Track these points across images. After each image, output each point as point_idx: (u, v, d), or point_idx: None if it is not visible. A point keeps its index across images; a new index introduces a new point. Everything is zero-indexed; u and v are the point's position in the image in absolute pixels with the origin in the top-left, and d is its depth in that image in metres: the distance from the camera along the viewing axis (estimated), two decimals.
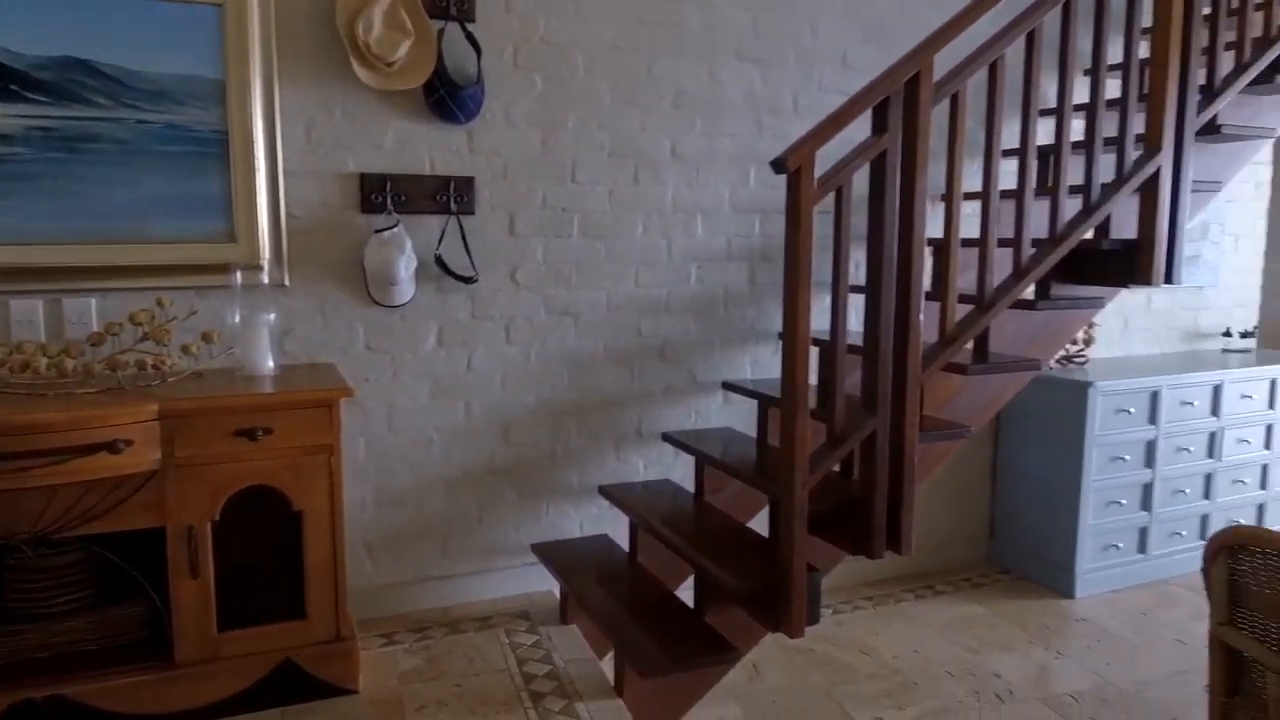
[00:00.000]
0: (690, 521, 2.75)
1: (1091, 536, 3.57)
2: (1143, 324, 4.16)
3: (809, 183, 2.13)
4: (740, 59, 3.15)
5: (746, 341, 3.29)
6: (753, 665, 2.99)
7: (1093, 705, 2.76)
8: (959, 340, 2.44)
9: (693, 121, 3.11)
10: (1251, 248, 4.42)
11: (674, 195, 3.12)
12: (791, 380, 2.17)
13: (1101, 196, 2.57)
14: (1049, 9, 2.41)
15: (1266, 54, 2.81)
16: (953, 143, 2.35)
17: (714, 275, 3.20)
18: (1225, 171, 3.01)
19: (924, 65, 2.23)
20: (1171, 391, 3.63)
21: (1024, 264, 2.51)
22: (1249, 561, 1.39)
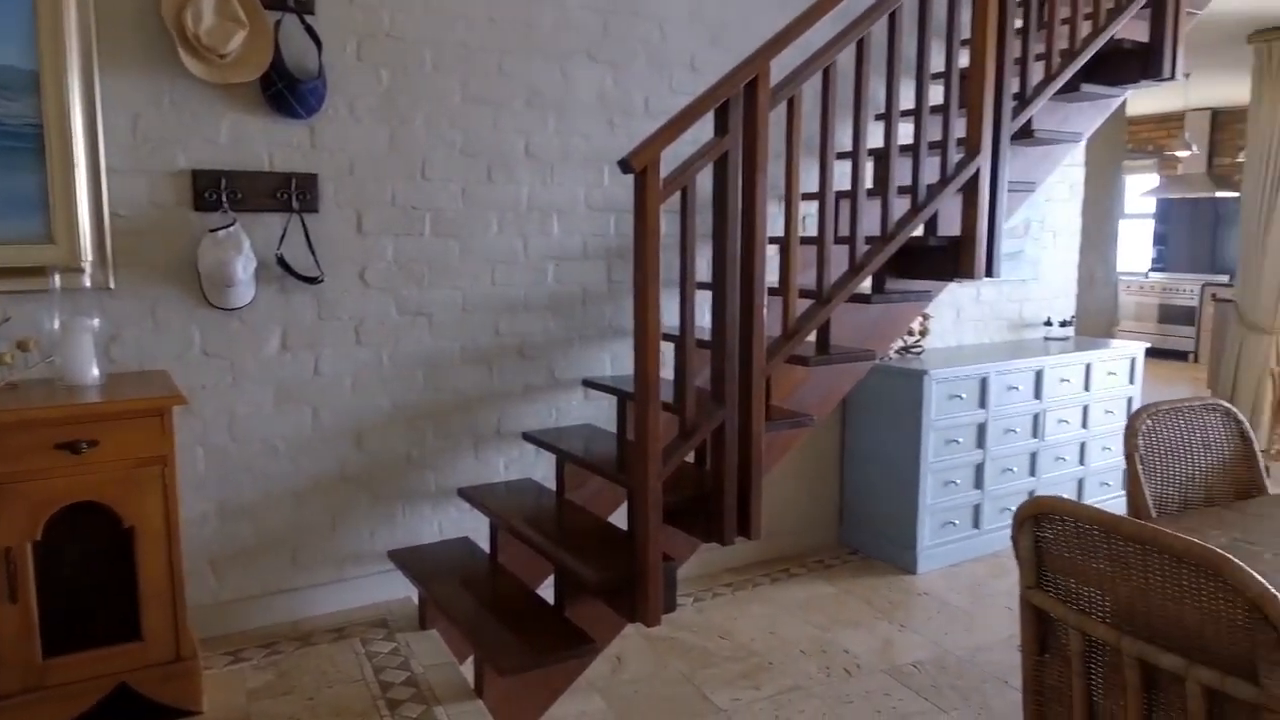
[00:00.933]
0: (551, 519, 2.76)
1: (930, 515, 3.80)
2: (973, 315, 4.46)
3: (655, 182, 2.17)
4: (592, 59, 3.18)
5: (606, 338, 3.33)
6: (616, 657, 3.03)
7: (933, 672, 2.95)
8: (800, 333, 2.55)
9: (545, 120, 3.12)
10: (1068, 243, 4.81)
11: (529, 194, 3.12)
12: (643, 375, 2.21)
13: (927, 197, 2.74)
14: (877, 18, 2.54)
15: (1072, 65, 3.05)
16: (790, 144, 2.45)
17: (572, 274, 3.22)
18: (1039, 172, 3.26)
19: (761, 70, 2.31)
20: (999, 378, 3.90)
21: (858, 260, 2.65)
22: (1050, 529, 1.53)
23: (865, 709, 2.73)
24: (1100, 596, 1.47)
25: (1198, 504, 2.28)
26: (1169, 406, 2.29)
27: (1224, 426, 2.35)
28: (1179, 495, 2.26)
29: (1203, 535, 2.00)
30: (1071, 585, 1.52)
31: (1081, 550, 1.47)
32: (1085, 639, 1.51)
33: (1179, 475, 2.26)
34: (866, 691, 2.83)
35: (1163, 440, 2.25)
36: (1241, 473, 2.35)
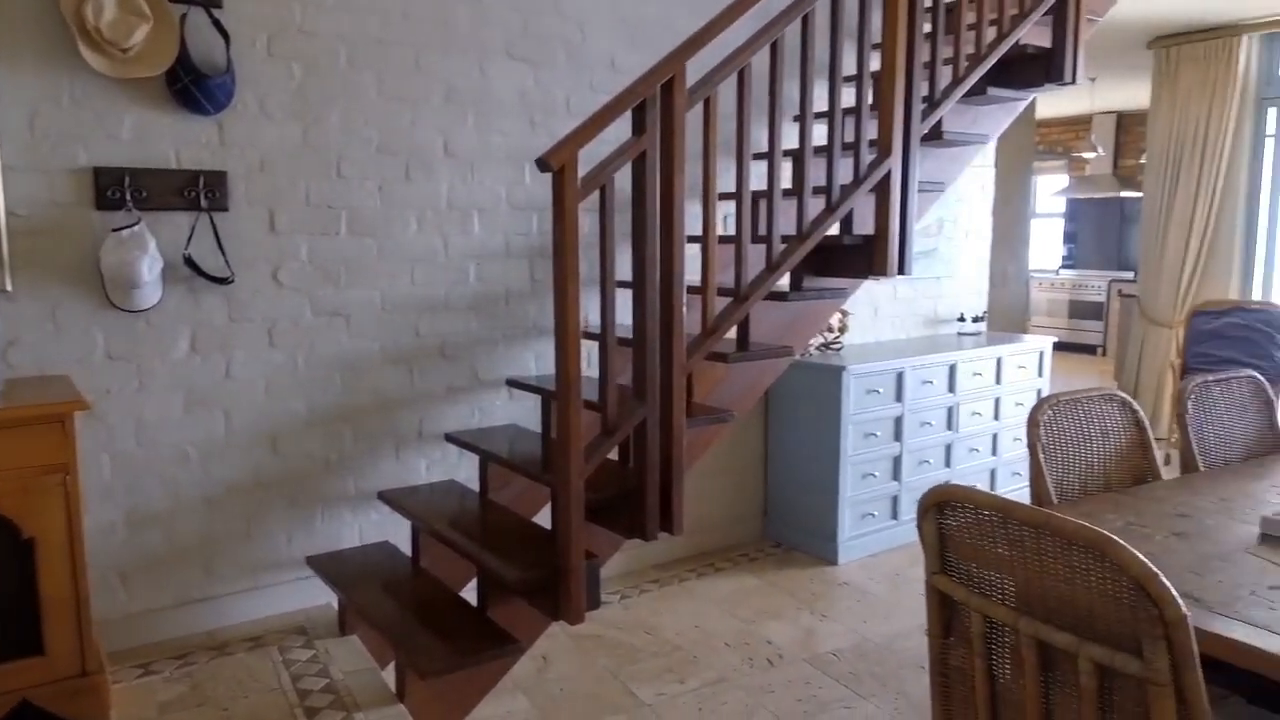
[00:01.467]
0: (474, 520, 2.74)
1: (851, 506, 3.89)
2: (890, 312, 4.58)
3: (573, 181, 2.18)
4: (511, 58, 3.17)
5: (530, 337, 3.32)
6: (542, 657, 3.03)
7: (852, 660, 3.02)
8: (719, 331, 2.59)
9: (465, 118, 3.09)
10: (980, 242, 4.97)
11: (449, 192, 3.09)
12: (564, 374, 2.22)
13: (841, 196, 2.80)
14: (790, 21, 2.59)
15: (978, 69, 3.16)
16: (707, 144, 2.48)
17: (494, 272, 3.20)
18: (949, 173, 3.36)
19: (677, 71, 2.34)
20: (914, 372, 4.02)
21: (775, 259, 2.69)
22: (952, 516, 1.58)
23: (786, 698, 2.78)
24: (1000, 579, 1.53)
25: (1097, 490, 2.39)
26: (1068, 398, 2.39)
27: (1120, 416, 2.46)
28: (1079, 482, 2.36)
29: (1099, 519, 2.10)
30: (973, 569, 1.58)
31: (981, 536, 1.53)
32: (986, 621, 1.57)
33: (1079, 463, 2.37)
34: (788, 681, 2.89)
35: (1063, 430, 2.35)
36: (1137, 459, 2.47)
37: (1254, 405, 2.76)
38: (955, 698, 1.70)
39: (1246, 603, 1.65)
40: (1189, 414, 2.59)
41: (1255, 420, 2.75)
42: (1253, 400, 2.75)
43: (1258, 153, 5.74)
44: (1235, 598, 1.67)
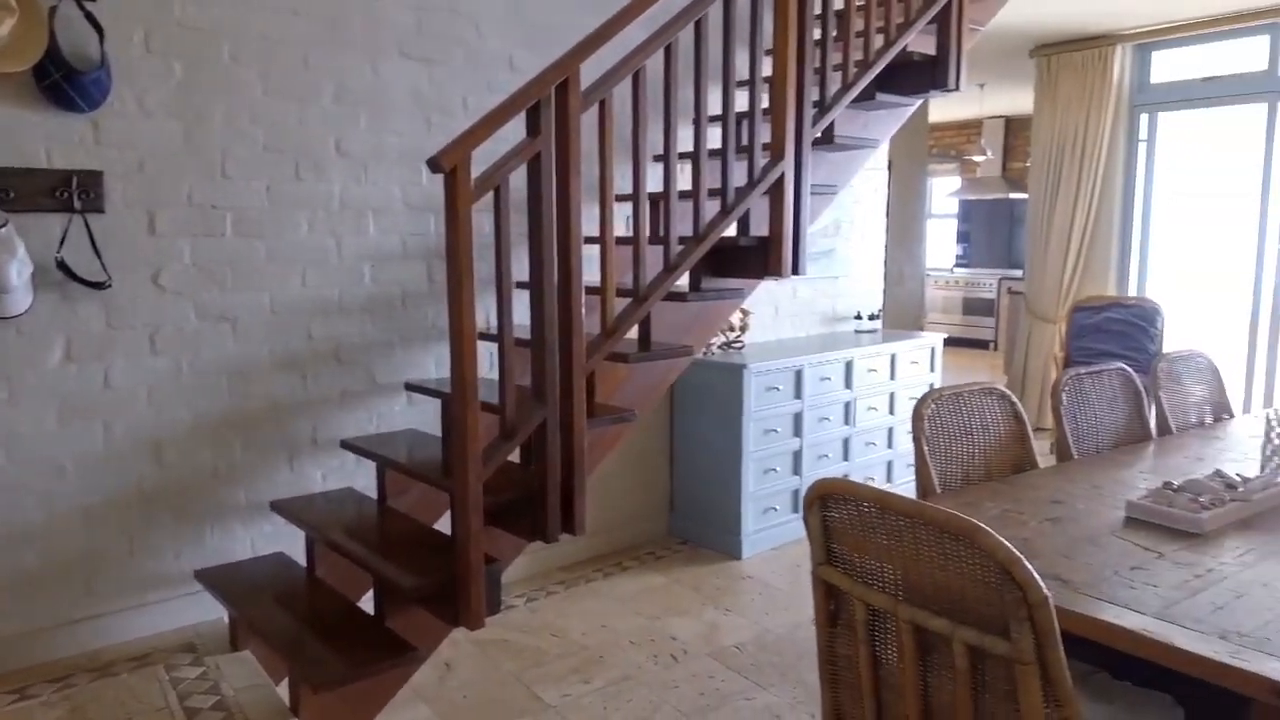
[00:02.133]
0: (371, 528, 2.69)
1: (753, 502, 3.97)
2: (790, 311, 4.68)
3: (465, 182, 2.16)
4: (405, 56, 3.11)
5: (429, 340, 3.27)
6: (445, 664, 2.99)
7: (754, 652, 3.08)
8: (619, 331, 2.60)
9: (357, 118, 3.03)
10: (875, 242, 5.13)
11: (341, 192, 3.02)
12: (460, 376, 2.20)
13: (736, 199, 2.85)
14: (683, 26, 2.62)
15: (867, 75, 3.26)
16: (603, 146, 2.49)
17: (390, 274, 3.15)
18: (842, 176, 3.46)
19: (571, 72, 2.34)
20: (812, 369, 4.12)
21: (673, 260, 2.72)
22: (835, 508, 1.64)
23: (690, 692, 2.82)
24: (880, 568, 1.58)
25: (979, 479, 2.50)
26: (951, 392, 2.49)
27: (1000, 409, 2.58)
28: (961, 473, 2.46)
29: (979, 507, 2.20)
30: (856, 560, 1.63)
31: (862, 527, 1.58)
32: (868, 609, 1.62)
33: (961, 454, 2.47)
34: (692, 675, 2.92)
35: (946, 423, 2.45)
36: (1016, 449, 2.59)
37: (1124, 396, 2.92)
38: (842, 684, 1.75)
39: (1110, 583, 1.75)
40: (1064, 405, 2.73)
41: (1125, 410, 2.91)
42: (1122, 392, 2.92)
43: (1131, 156, 6.08)
44: (1100, 579, 1.78)
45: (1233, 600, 1.65)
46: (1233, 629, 1.54)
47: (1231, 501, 2.09)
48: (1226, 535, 2.00)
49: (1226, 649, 1.47)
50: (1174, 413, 3.08)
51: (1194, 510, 2.02)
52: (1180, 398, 3.15)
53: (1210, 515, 2.01)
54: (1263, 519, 2.11)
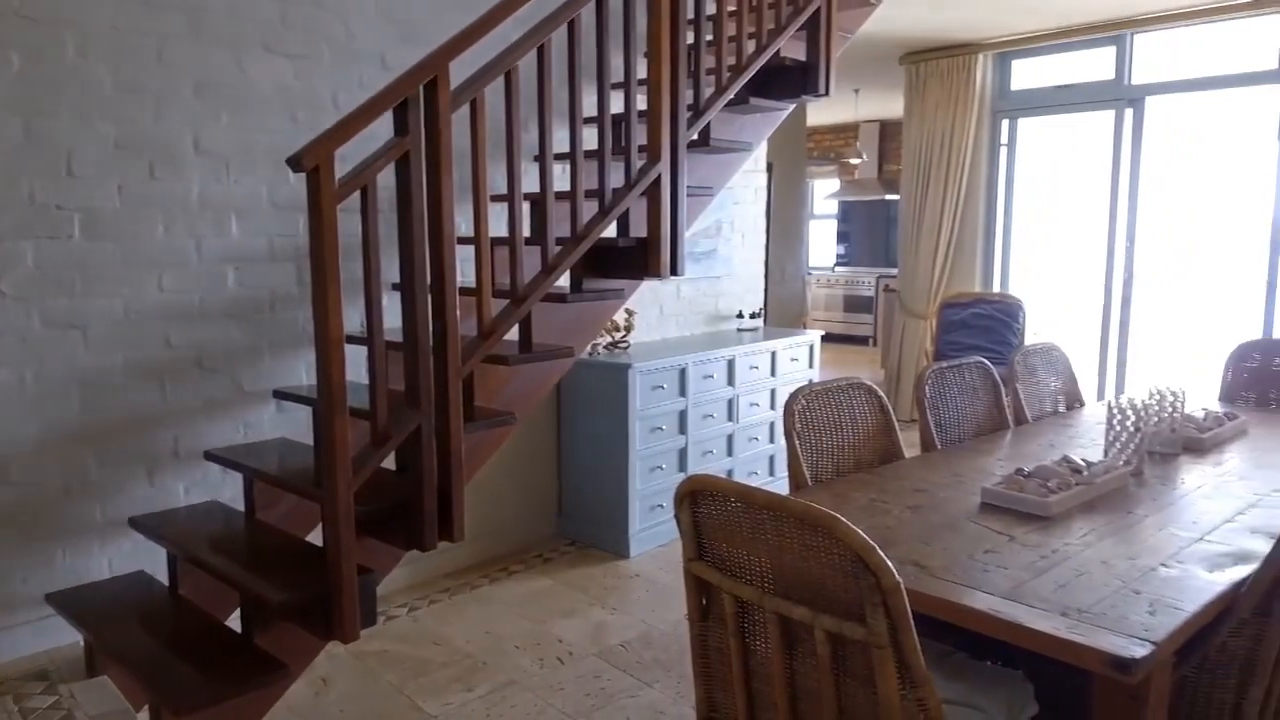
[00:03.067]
0: (239, 543, 2.59)
1: (640, 500, 4.00)
2: (674, 310, 4.74)
3: (329, 182, 2.10)
4: (270, 51, 3.00)
5: (300, 345, 3.16)
6: (321, 679, 2.90)
7: (639, 649, 3.10)
8: (497, 333, 2.57)
9: (218, 114, 2.90)
10: (755, 242, 5.24)
11: (201, 192, 2.89)
12: (327, 381, 2.13)
13: (613, 200, 2.87)
14: (556, 26, 2.62)
15: (740, 79, 3.32)
16: (475, 145, 2.46)
17: (256, 277, 3.02)
18: (718, 179, 3.51)
19: (440, 71, 2.30)
20: (696, 367, 4.18)
21: (551, 260, 2.72)
22: (704, 504, 1.66)
23: (576, 694, 2.82)
24: (748, 561, 1.62)
25: (849, 470, 2.58)
26: (821, 387, 2.57)
27: (867, 402, 2.68)
28: (832, 465, 2.54)
29: (847, 498, 2.28)
30: (726, 553, 1.66)
31: (730, 521, 1.61)
32: (737, 601, 1.66)
33: (832, 447, 2.55)
34: (578, 676, 2.92)
35: (817, 418, 2.53)
36: (883, 441, 2.69)
37: (983, 388, 3.08)
38: (715, 676, 1.79)
39: (965, 566, 1.84)
40: (927, 398, 2.86)
41: (984, 401, 3.07)
42: (981, 384, 3.07)
43: (994, 160, 6.42)
44: (956, 562, 1.86)
45: (1074, 579, 1.76)
46: (1073, 605, 1.64)
47: (1077, 485, 2.22)
48: (1072, 517, 2.13)
49: (1066, 624, 1.56)
50: (1030, 402, 3.26)
51: (1042, 495, 2.15)
52: (1036, 388, 3.34)
53: (1057, 499, 2.14)
54: (1105, 500, 2.26)
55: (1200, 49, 5.51)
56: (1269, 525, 2.04)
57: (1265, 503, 2.23)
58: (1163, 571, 1.80)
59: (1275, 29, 5.10)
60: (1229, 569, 1.80)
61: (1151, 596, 1.67)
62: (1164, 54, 5.67)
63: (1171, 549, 1.92)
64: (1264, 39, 5.15)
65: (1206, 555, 1.88)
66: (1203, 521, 2.09)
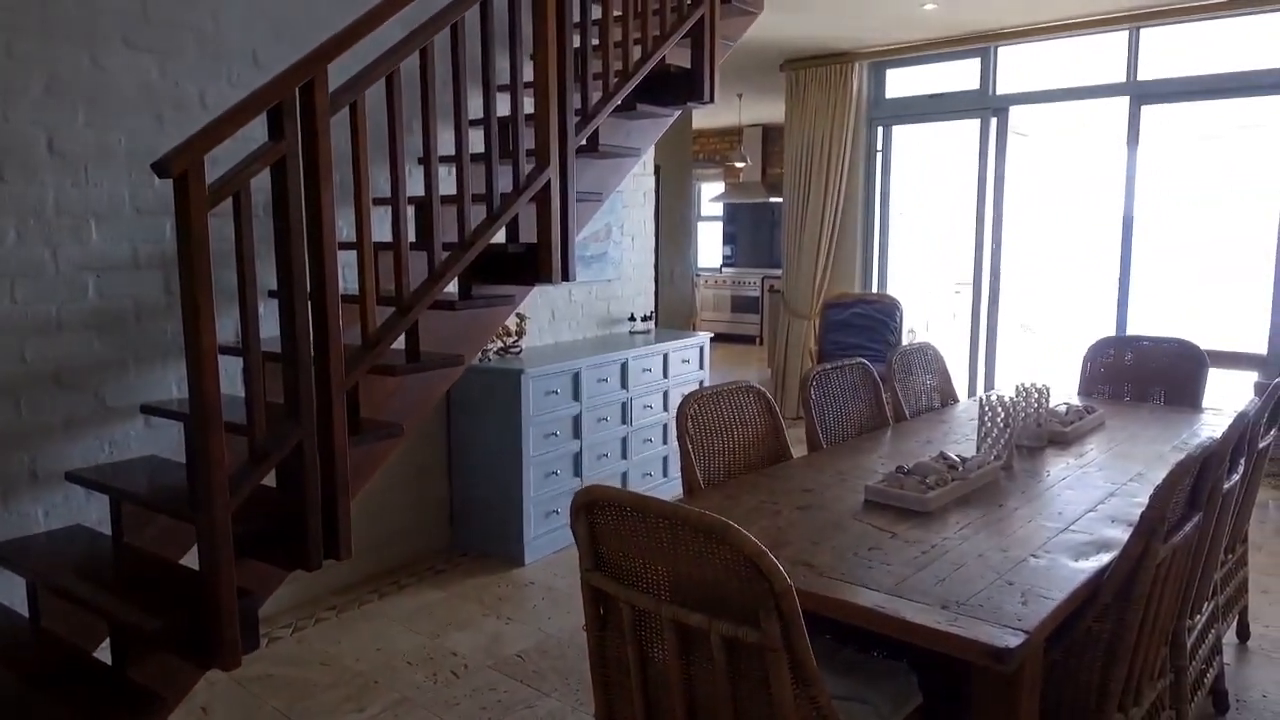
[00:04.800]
0: (106, 569, 2.43)
1: (535, 506, 3.96)
2: (566, 314, 4.72)
3: (199, 188, 2.00)
4: (130, 47, 2.83)
5: (169, 357, 2.99)
6: (201, 709, 2.76)
7: (536, 659, 3.08)
8: (383, 343, 2.50)
9: (74, 113, 2.72)
10: (645, 245, 5.28)
11: (57, 196, 2.70)
12: (200, 396, 2.03)
13: (502, 205, 2.82)
14: (438, 30, 2.56)
15: (626, 86, 3.33)
16: (356, 150, 2.38)
17: (119, 286, 2.85)
18: (608, 184, 3.52)
19: (317, 74, 2.22)
20: (590, 371, 4.18)
21: (438, 267, 2.66)
22: (601, 515, 1.66)
23: (472, 708, 2.77)
24: (645, 570, 1.62)
25: (740, 472, 2.63)
26: (711, 391, 2.61)
27: (756, 405, 2.73)
28: (724, 467, 2.59)
29: (738, 500, 2.32)
30: (623, 563, 1.66)
31: (626, 531, 1.62)
32: (634, 610, 1.66)
33: (723, 450, 2.59)
34: (473, 690, 2.88)
35: (708, 422, 2.57)
36: (772, 442, 2.75)
37: (864, 387, 3.19)
38: (614, 685, 1.79)
39: (851, 564, 1.90)
40: (812, 399, 2.94)
41: (865, 400, 3.18)
42: (862, 383, 3.18)
43: (870, 165, 6.66)
44: (843, 561, 1.93)
45: (952, 572, 1.85)
46: (952, 599, 1.71)
47: (953, 481, 2.33)
48: (949, 512, 2.23)
49: (946, 618, 1.63)
50: (908, 400, 3.40)
51: (921, 491, 2.24)
52: (913, 386, 3.48)
53: (934, 495, 2.23)
54: (979, 494, 2.37)
55: (1058, 62, 5.87)
56: (1126, 514, 2.19)
57: (1122, 492, 2.39)
58: (1033, 562, 1.90)
59: (1122, 45, 5.48)
60: (1092, 557, 1.92)
61: (1023, 587, 1.76)
62: (1025, 66, 6.01)
63: (1040, 539, 2.04)
64: (1113, 53, 5.53)
65: (1072, 545, 2.00)
66: (1067, 512, 2.22)
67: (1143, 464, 2.65)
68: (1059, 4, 5.18)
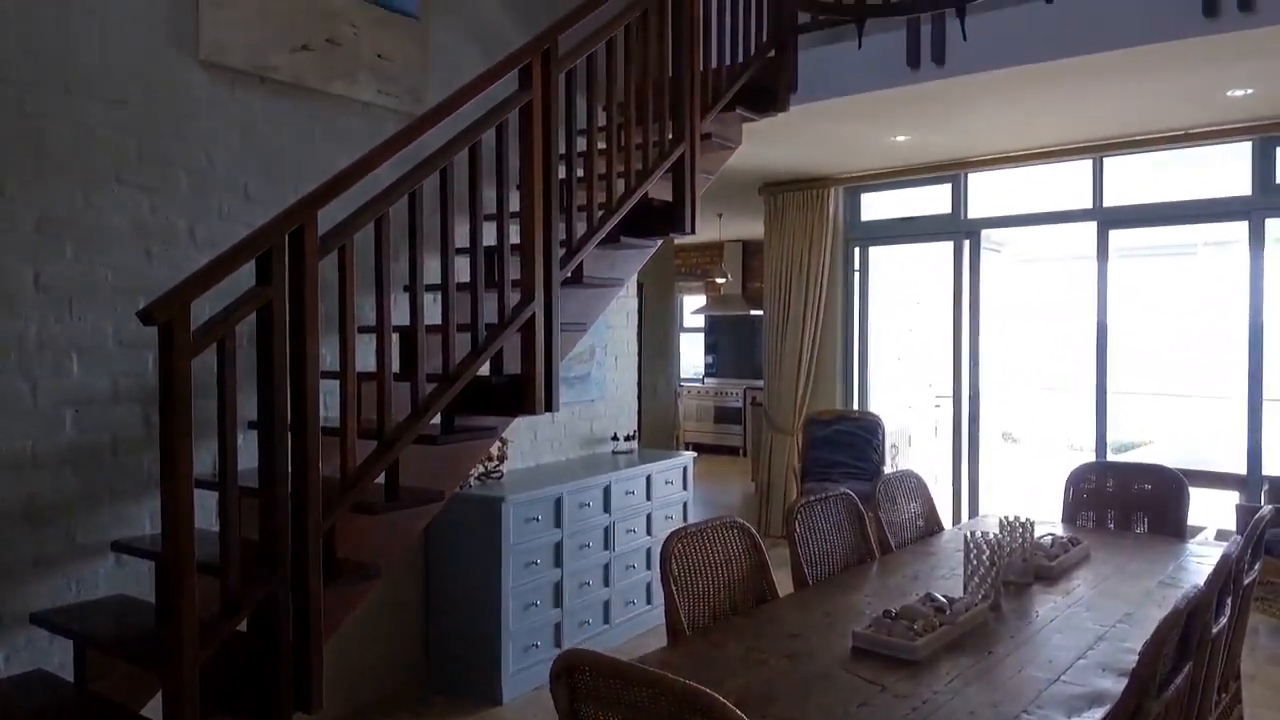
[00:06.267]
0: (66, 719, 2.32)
1: (514, 640, 3.85)
2: (549, 435, 4.71)
3: (183, 336, 2.01)
4: (123, 184, 2.89)
5: (145, 492, 2.94)
6: None
7: None
8: (363, 482, 2.47)
9: (63, 249, 2.75)
10: (628, 364, 5.31)
11: (39, 331, 2.70)
12: (173, 544, 1.99)
13: (488, 339, 2.84)
14: (429, 173, 2.61)
15: (611, 220, 3.40)
16: (343, 290, 2.40)
17: (97, 419, 2.82)
18: (592, 312, 3.55)
19: (308, 219, 2.27)
20: (572, 496, 4.13)
21: (422, 402, 2.65)
22: (580, 679, 1.61)
23: None
24: None
25: (725, 613, 2.58)
26: (695, 529, 2.58)
27: (740, 542, 2.70)
28: (709, 610, 2.53)
29: (724, 649, 2.26)
30: None
31: (607, 697, 1.57)
32: None
33: (707, 591, 2.55)
34: None
35: (692, 562, 2.53)
36: (756, 581, 2.71)
37: (848, 520, 3.16)
38: None
39: None
40: (797, 533, 2.91)
41: (850, 533, 3.15)
42: (847, 516, 3.16)
43: (848, 283, 6.80)
44: None
45: None
46: None
47: (941, 625, 2.29)
48: (939, 659, 2.18)
49: None
50: (892, 529, 3.38)
51: (909, 639, 2.20)
52: (897, 514, 3.46)
53: (923, 642, 2.19)
54: (968, 638, 2.33)
55: (1027, 186, 6.09)
56: (1117, 661, 2.15)
57: (1111, 635, 2.36)
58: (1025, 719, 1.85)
59: (1087, 172, 5.70)
60: (1085, 713, 1.88)
61: None
62: (995, 191, 6.23)
63: (1032, 692, 1.99)
64: (1080, 179, 5.74)
65: (1064, 698, 1.95)
66: (1057, 660, 2.18)
67: (1131, 604, 2.63)
68: (1024, 136, 5.41)
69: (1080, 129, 5.21)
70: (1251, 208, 5.15)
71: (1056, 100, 4.56)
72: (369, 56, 3.59)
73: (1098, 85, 4.23)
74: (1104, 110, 4.76)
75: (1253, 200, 5.15)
